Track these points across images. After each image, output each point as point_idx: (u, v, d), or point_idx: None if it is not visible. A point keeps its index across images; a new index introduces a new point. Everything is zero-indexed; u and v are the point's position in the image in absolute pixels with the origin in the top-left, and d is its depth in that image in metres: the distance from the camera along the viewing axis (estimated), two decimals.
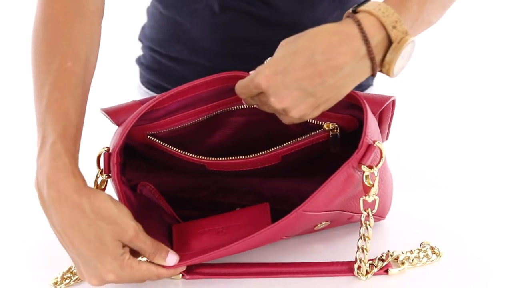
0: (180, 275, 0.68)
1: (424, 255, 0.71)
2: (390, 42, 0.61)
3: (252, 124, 0.74)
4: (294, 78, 0.60)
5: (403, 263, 0.70)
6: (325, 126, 0.70)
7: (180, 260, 0.65)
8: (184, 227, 0.73)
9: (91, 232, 0.60)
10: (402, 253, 0.71)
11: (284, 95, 0.60)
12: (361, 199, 0.66)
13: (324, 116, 0.69)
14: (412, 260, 0.70)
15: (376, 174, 0.64)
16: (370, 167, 0.63)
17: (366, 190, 0.65)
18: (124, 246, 0.63)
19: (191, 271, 0.69)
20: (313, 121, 0.70)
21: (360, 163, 0.63)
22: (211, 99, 0.72)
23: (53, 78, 0.66)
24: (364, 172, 0.64)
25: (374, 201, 0.66)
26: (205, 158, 0.71)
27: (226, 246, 0.64)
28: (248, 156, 0.71)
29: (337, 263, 0.70)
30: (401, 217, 0.79)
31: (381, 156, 0.65)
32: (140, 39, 1.09)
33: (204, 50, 0.97)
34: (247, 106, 0.72)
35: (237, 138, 0.75)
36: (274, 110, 0.64)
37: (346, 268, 0.69)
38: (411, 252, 0.71)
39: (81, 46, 0.70)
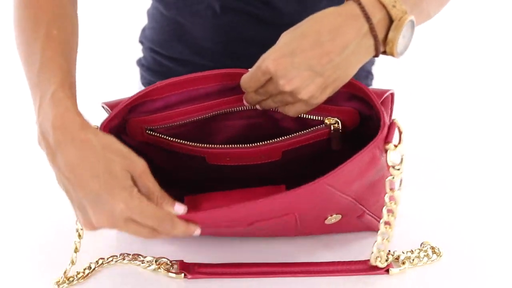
0: (182, 274, 0.69)
1: (424, 255, 0.71)
2: (391, 21, 0.63)
3: (252, 127, 0.74)
4: (303, 59, 0.62)
5: (403, 263, 0.70)
6: (326, 121, 0.71)
7: (189, 214, 0.63)
8: (196, 198, 0.71)
9: (100, 165, 0.60)
10: (403, 253, 0.71)
11: (293, 76, 0.62)
12: (387, 180, 0.65)
13: (324, 110, 0.70)
14: (413, 260, 0.71)
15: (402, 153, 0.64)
16: (395, 146, 0.63)
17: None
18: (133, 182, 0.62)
19: (193, 271, 0.69)
20: (313, 117, 0.70)
21: (386, 142, 0.63)
22: (211, 97, 0.72)
23: (41, 44, 0.68)
24: (388, 150, 0.63)
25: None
26: (205, 145, 0.71)
27: (238, 204, 0.62)
28: (249, 145, 0.71)
29: (338, 263, 0.71)
30: (402, 217, 0.79)
31: (401, 135, 0.65)
32: (140, 41, 1.10)
33: (206, 50, 0.97)
34: (248, 107, 0.73)
35: (237, 141, 0.75)
36: (281, 98, 0.65)
37: (348, 268, 0.70)
38: (412, 252, 0.72)
39: (65, 20, 0.71)
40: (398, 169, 0.64)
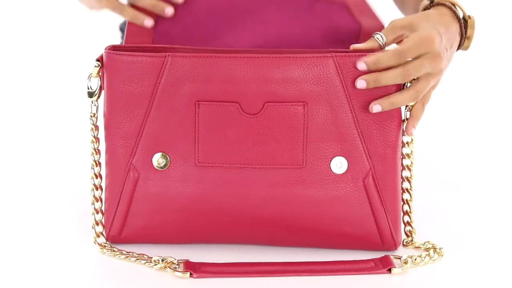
0: (188, 273, 0.69)
1: (426, 255, 0.72)
2: (464, 20, 0.75)
3: None
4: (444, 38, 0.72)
5: (405, 262, 0.70)
6: None
7: None
8: None
9: None
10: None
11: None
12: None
13: None
14: (415, 259, 0.71)
15: None
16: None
17: None
18: None
19: (199, 270, 0.69)
20: None
21: None
22: None
23: None
24: None
25: None
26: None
27: None
28: None
29: (341, 262, 0.71)
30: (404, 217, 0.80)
31: None
32: (121, 28, 1.09)
33: None
34: None
35: None
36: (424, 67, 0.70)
37: (350, 267, 0.71)
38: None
39: None
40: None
